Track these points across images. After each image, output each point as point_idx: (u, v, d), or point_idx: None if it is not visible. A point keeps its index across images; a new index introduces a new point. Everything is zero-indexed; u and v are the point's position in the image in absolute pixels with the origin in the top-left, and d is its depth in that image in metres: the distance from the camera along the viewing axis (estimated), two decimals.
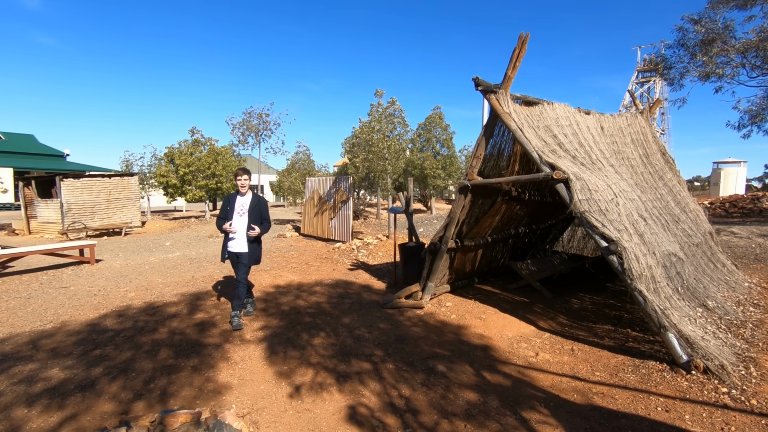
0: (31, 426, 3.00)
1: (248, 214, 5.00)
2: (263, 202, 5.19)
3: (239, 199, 5.06)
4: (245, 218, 5.01)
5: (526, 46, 4.51)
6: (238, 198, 5.07)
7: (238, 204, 5.05)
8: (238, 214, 5.02)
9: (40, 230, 15.54)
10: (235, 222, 4.99)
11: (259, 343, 4.58)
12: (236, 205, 5.04)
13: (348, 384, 3.65)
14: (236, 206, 5.04)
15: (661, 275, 4.40)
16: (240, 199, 5.06)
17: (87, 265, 9.21)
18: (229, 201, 5.07)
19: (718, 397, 3.30)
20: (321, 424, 3.05)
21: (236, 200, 5.06)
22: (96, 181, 16.08)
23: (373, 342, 4.61)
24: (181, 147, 19.44)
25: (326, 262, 9.14)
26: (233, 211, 5.02)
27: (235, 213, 5.02)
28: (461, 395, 3.46)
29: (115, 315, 5.50)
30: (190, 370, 3.93)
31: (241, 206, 5.04)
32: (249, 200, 5.06)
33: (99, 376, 3.78)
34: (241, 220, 5.01)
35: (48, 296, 6.50)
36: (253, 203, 5.06)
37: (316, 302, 6.12)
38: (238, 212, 5.03)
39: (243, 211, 5.03)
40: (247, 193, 5.08)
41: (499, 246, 6.96)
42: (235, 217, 5.00)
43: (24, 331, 4.91)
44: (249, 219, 4.99)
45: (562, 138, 5.13)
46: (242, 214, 5.02)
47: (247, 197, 5.07)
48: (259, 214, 5.08)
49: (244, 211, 5.03)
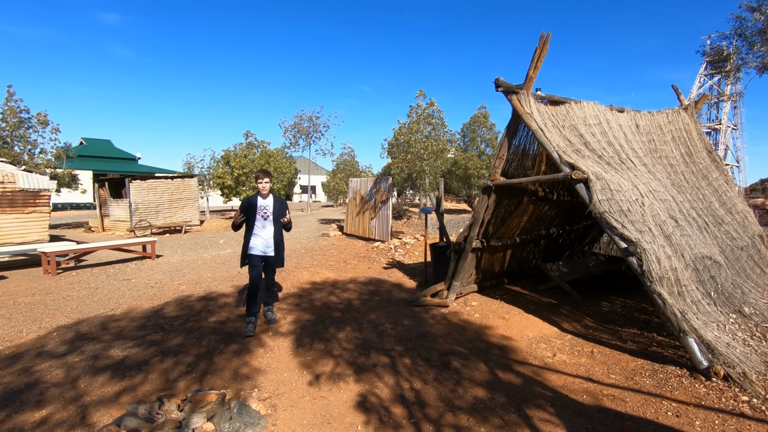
0: (92, 395, 3.48)
1: (273, 216, 4.89)
2: (285, 205, 5.06)
3: (261, 201, 4.89)
4: (270, 221, 4.89)
5: (547, 46, 4.52)
6: (260, 200, 4.89)
7: (261, 206, 4.88)
8: (261, 218, 4.87)
9: (111, 227, 17.11)
10: (258, 225, 4.86)
11: (289, 335, 4.93)
12: (259, 208, 4.87)
13: (364, 375, 3.88)
14: (259, 209, 4.86)
15: (690, 278, 4.27)
16: (262, 202, 4.89)
17: (148, 260, 10.11)
18: (249, 203, 4.86)
19: (736, 405, 3.20)
20: (333, 410, 3.30)
21: (258, 203, 4.88)
22: (160, 182, 17.46)
23: (394, 337, 4.81)
24: (236, 150, 20.58)
25: (363, 260, 9.45)
26: (255, 214, 4.85)
27: (258, 216, 4.86)
28: (470, 391, 3.58)
29: (169, 305, 6.08)
30: (227, 356, 4.32)
31: (264, 209, 4.88)
32: (272, 203, 4.93)
33: (151, 357, 4.26)
34: (266, 223, 4.89)
35: (112, 287, 7.27)
36: (276, 206, 4.94)
37: (347, 298, 6.41)
38: (262, 215, 4.87)
39: (267, 214, 4.88)
40: (269, 195, 4.94)
41: (530, 247, 6.90)
42: (257, 221, 4.85)
43: (91, 317, 5.57)
44: (274, 222, 4.90)
45: (589, 137, 5.06)
46: (266, 217, 4.88)
47: (269, 200, 4.93)
48: (281, 217, 4.95)
49: (268, 214, 4.88)
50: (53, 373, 3.90)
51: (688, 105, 7.03)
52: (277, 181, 20.09)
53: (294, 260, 9.31)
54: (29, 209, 10.22)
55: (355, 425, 3.09)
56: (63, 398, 3.43)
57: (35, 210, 10.35)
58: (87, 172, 35.29)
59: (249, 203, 4.85)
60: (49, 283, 7.76)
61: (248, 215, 4.84)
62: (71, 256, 9.36)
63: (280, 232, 5.02)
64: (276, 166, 19.99)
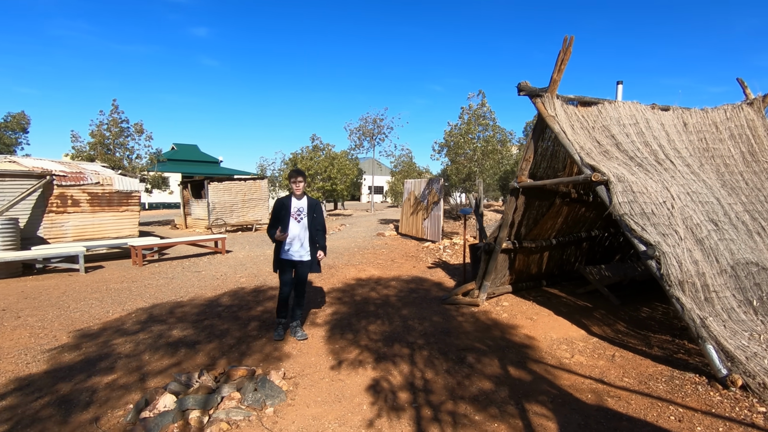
0: (151, 366, 4.16)
1: (306, 218, 4.71)
2: (319, 206, 4.91)
3: (295, 202, 4.71)
4: (304, 223, 4.70)
5: (570, 49, 4.53)
6: (294, 201, 4.71)
7: (294, 208, 4.69)
8: (294, 220, 4.67)
9: (192, 225, 18.96)
10: (293, 227, 4.67)
11: (324, 325, 5.39)
12: (292, 210, 4.68)
13: (382, 363, 4.21)
14: (292, 210, 4.68)
15: (724, 285, 4.10)
16: (296, 203, 4.71)
17: (219, 255, 11.22)
18: (283, 205, 4.67)
19: (749, 415, 3.10)
20: (346, 391, 3.67)
21: (291, 204, 4.70)
22: (234, 184, 19.02)
23: (420, 332, 5.08)
24: (302, 152, 21.80)
25: (411, 259, 9.75)
26: (288, 216, 4.65)
27: (291, 218, 4.66)
28: (476, 384, 3.77)
29: (227, 295, 6.84)
30: (265, 340, 4.87)
31: (298, 210, 4.69)
32: (306, 204, 4.74)
33: (203, 338, 4.92)
34: (299, 225, 4.69)
35: (185, 278, 8.26)
36: (310, 207, 4.77)
37: (385, 295, 6.77)
38: (295, 217, 4.68)
39: (301, 216, 4.69)
40: (303, 196, 4.75)
41: (571, 249, 6.78)
42: (291, 223, 4.65)
43: (163, 302, 6.45)
44: (308, 224, 4.72)
45: (622, 138, 4.97)
46: (300, 219, 4.68)
47: (303, 201, 4.74)
48: (316, 220, 4.80)
49: (303, 215, 4.70)
50: (125, 346, 4.67)
51: (755, 99, 6.49)
52: (340, 183, 20.98)
53: (345, 258, 9.85)
54: (123, 208, 11.78)
55: (362, 405, 3.43)
56: (129, 367, 4.14)
57: (128, 209, 11.90)
58: (177, 174, 39.11)
59: (282, 204, 4.67)
60: (135, 272, 8.97)
61: (281, 217, 4.63)
62: (155, 250, 10.67)
63: (314, 235, 4.81)
64: (339, 168, 20.87)
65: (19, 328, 5.31)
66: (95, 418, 3.21)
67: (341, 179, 20.97)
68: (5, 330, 5.25)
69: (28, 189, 10.00)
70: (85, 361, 4.27)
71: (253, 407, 3.30)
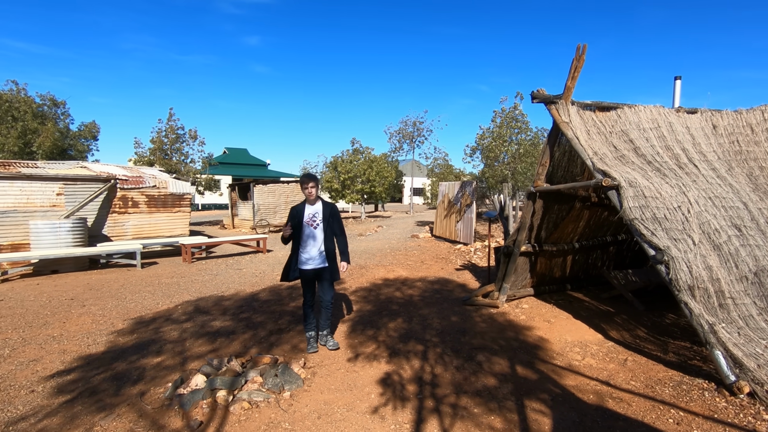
0: (192, 351, 4.66)
1: (322, 224, 4.46)
2: (335, 210, 4.62)
3: (308, 208, 4.46)
4: (320, 230, 4.45)
5: (584, 58, 4.60)
6: (308, 207, 4.46)
7: (308, 214, 4.44)
8: (311, 227, 4.43)
9: (239, 225, 20.03)
10: (310, 235, 4.44)
11: (348, 321, 5.73)
12: (305, 216, 4.43)
13: (396, 358, 4.48)
14: (305, 217, 4.43)
15: (743, 291, 4.04)
16: (310, 209, 4.46)
17: (260, 253, 11.89)
18: (297, 212, 4.46)
19: (752, 422, 3.10)
20: (358, 382, 3.98)
21: (305, 210, 4.45)
22: (277, 186, 19.93)
23: (436, 330, 5.30)
24: (343, 156, 22.42)
25: (440, 261, 9.93)
26: (304, 222, 4.42)
27: (306, 225, 4.42)
28: (482, 380, 3.96)
29: (264, 291, 7.36)
30: (294, 333, 5.27)
31: (312, 217, 4.44)
32: (320, 209, 4.47)
33: (239, 329, 5.40)
34: (316, 232, 4.44)
35: (227, 275, 8.90)
36: (326, 212, 4.48)
37: (409, 294, 7.02)
38: (310, 223, 4.43)
39: (316, 222, 4.44)
40: (317, 201, 4.50)
41: (597, 253, 6.72)
42: (306, 230, 4.42)
43: (206, 296, 7.05)
44: (325, 230, 4.47)
45: (641, 142, 4.95)
46: (315, 225, 4.44)
47: (317, 206, 4.48)
48: (333, 225, 4.54)
49: (318, 221, 4.44)
50: (171, 333, 5.23)
51: None
52: (379, 185, 21.38)
53: (377, 259, 10.19)
54: (176, 209, 12.75)
55: (371, 394, 3.72)
56: (173, 351, 4.67)
57: (180, 210, 12.86)
58: (227, 177, 41.19)
59: (296, 212, 4.46)
60: (185, 269, 9.75)
61: (295, 225, 4.42)
62: (203, 248, 11.50)
63: (332, 241, 4.55)
64: (378, 171, 21.28)
65: (83, 315, 6.04)
66: (141, 392, 3.70)
67: (380, 182, 21.37)
68: (72, 316, 6.00)
69: (96, 192, 11.10)
70: (136, 345, 4.85)
71: (273, 391, 3.67)
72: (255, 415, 3.34)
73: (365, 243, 13.37)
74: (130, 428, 3.16)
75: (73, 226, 9.73)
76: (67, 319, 5.87)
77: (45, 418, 3.30)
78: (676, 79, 7.80)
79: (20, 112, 18.45)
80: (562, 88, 4.85)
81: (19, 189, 10.07)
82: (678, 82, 7.75)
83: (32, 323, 5.71)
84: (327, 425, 3.21)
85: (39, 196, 10.32)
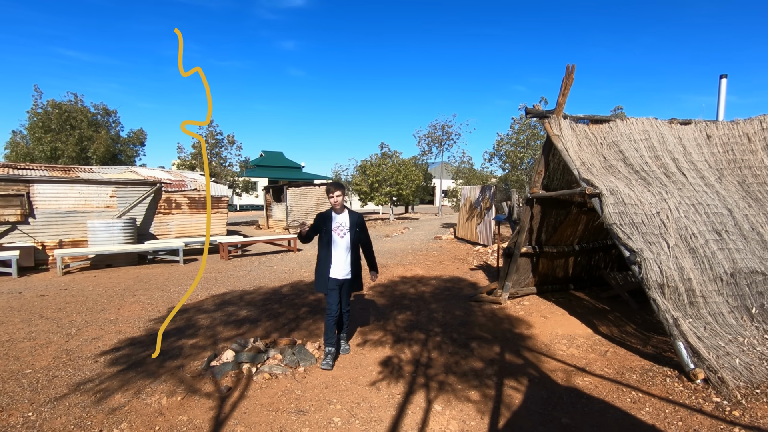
0: (221, 335, 5.42)
1: (349, 233, 4.47)
2: (362, 221, 4.65)
3: (336, 217, 4.47)
4: (347, 239, 4.46)
5: (573, 76, 5.05)
6: (335, 216, 4.47)
7: (336, 223, 4.45)
8: (338, 236, 4.43)
9: (273, 226, 21.11)
10: (338, 245, 4.45)
11: (363, 312, 6.36)
12: (334, 225, 4.44)
13: (398, 344, 5.08)
14: (334, 226, 4.44)
15: (716, 291, 4.40)
16: (337, 218, 4.46)
17: (291, 252, 12.74)
18: (324, 219, 4.47)
19: (701, 403, 3.51)
20: (363, 361, 4.60)
21: (333, 219, 4.46)
22: (309, 188, 20.88)
23: (439, 322, 5.86)
24: (371, 160, 23.16)
25: (457, 261, 10.43)
26: (331, 231, 4.43)
27: (334, 234, 4.43)
28: (470, 363, 4.50)
29: (289, 286, 8.11)
30: (311, 321, 5.96)
31: (340, 225, 4.45)
32: (347, 218, 4.49)
33: (263, 317, 6.14)
34: (342, 242, 4.45)
35: (259, 271, 9.74)
36: (353, 220, 4.51)
37: (422, 291, 7.59)
38: (338, 233, 4.43)
39: (344, 231, 4.45)
40: (343, 210, 4.52)
41: (599, 255, 7.06)
42: (335, 239, 4.43)
43: (237, 290, 7.88)
44: (351, 239, 4.48)
45: (631, 153, 5.34)
46: (343, 234, 4.44)
47: (344, 215, 4.50)
48: (360, 234, 4.59)
49: (345, 230, 4.45)
50: (204, 320, 6.03)
51: None
52: (406, 188, 21.98)
53: (398, 258, 10.79)
54: (214, 210, 13.80)
55: (372, 372, 4.33)
56: (205, 334, 5.44)
57: (218, 211, 13.91)
58: (264, 179, 42.87)
59: (323, 218, 4.49)
60: (221, 265, 10.69)
61: (323, 231, 4.47)
62: (238, 247, 12.45)
63: (358, 251, 4.61)
64: (405, 174, 21.89)
65: (134, 303, 6.96)
66: (181, 365, 4.46)
67: (407, 185, 21.96)
68: (125, 304, 6.93)
69: (144, 194, 12.27)
70: (177, 329, 5.67)
71: (289, 366, 4.35)
72: (274, 384, 4.02)
73: (390, 244, 13.99)
74: (172, 390, 3.90)
75: (124, 225, 10.87)
76: (120, 306, 6.80)
77: (106, 381, 4.10)
78: (721, 77, 7.87)
79: (77, 120, 20.22)
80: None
81: (78, 192, 11.32)
82: (724, 80, 7.83)
83: (92, 309, 6.67)
84: (332, 393, 3.86)
85: (95, 198, 11.55)
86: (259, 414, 3.49)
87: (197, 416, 3.46)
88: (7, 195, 10.22)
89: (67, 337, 5.34)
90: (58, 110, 19.82)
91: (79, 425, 3.31)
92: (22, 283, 8.73)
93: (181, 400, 3.72)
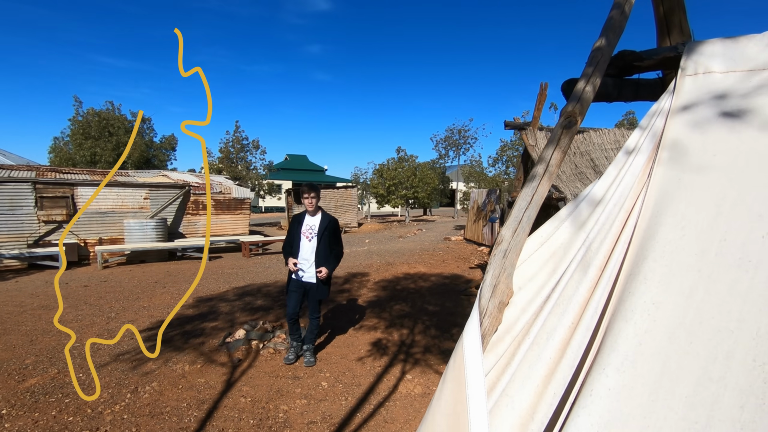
0: (238, 320, 6.24)
1: (317, 238, 4.32)
2: (334, 224, 4.50)
3: (308, 219, 4.40)
4: (314, 243, 4.33)
5: (546, 93, 5.65)
6: (307, 218, 4.40)
7: (306, 225, 4.37)
8: (306, 238, 4.35)
9: None
10: (303, 248, 4.36)
11: (363, 303, 7.10)
12: (303, 227, 4.36)
13: (389, 329, 5.78)
14: (304, 228, 4.36)
15: None
16: (309, 220, 4.39)
17: None
18: (297, 222, 4.42)
19: None
20: (354, 342, 5.33)
21: (304, 221, 4.39)
22: (329, 191, 21.79)
23: (429, 312, 6.53)
24: (389, 164, 23.93)
25: (458, 260, 11.04)
26: (300, 233, 4.36)
27: (303, 237, 4.35)
28: (447, 344, 5.17)
29: None
30: None
31: (310, 229, 4.36)
32: (318, 221, 4.38)
33: (275, 306, 6.95)
34: (310, 245, 4.35)
35: (275, 268, 10.61)
36: (323, 225, 4.37)
37: (421, 286, 8.27)
38: (306, 236, 4.36)
39: (312, 235, 4.35)
40: (317, 213, 4.43)
41: None
42: (302, 243, 4.35)
43: (256, 283, 8.74)
44: (318, 244, 4.32)
45: (601, 161, 5.89)
46: (311, 238, 4.35)
47: (315, 218, 4.40)
48: (329, 238, 4.39)
49: (313, 234, 4.34)
50: (224, 308, 6.88)
51: None
52: (422, 191, 22.64)
53: (405, 257, 11.48)
54: (238, 212, 14.82)
55: (361, 349, 5.06)
56: (225, 319, 6.29)
57: (241, 212, 14.93)
58: (288, 182, 44.24)
59: (297, 221, 4.44)
60: (243, 262, 11.63)
61: (293, 233, 4.43)
62: (259, 245, 13.40)
63: (325, 257, 4.38)
64: (421, 177, 22.56)
65: (164, 294, 7.90)
66: (202, 342, 5.30)
67: (422, 188, 22.60)
68: (156, 294, 7.88)
69: (174, 196, 13.37)
70: (200, 314, 6.53)
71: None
72: (276, 357, 4.80)
73: (400, 244, 14.69)
74: (194, 360, 4.73)
75: (156, 225, 11.96)
76: (153, 296, 7.75)
77: (140, 353, 4.97)
78: None
79: (115, 128, 21.78)
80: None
81: (116, 194, 12.49)
82: None
83: (128, 297, 7.64)
84: (323, 365, 4.60)
85: (130, 200, 12.71)
86: (262, 378, 4.27)
87: (212, 379, 4.27)
88: (54, 197, 11.45)
89: (108, 320, 6.27)
90: (98, 118, 21.41)
91: (119, 384, 4.16)
92: (67, 275, 9.86)
93: (200, 367, 4.54)
